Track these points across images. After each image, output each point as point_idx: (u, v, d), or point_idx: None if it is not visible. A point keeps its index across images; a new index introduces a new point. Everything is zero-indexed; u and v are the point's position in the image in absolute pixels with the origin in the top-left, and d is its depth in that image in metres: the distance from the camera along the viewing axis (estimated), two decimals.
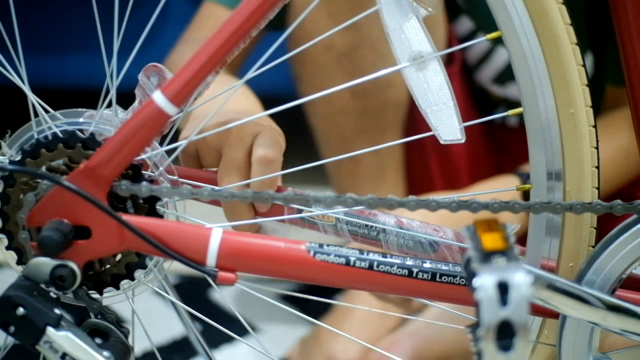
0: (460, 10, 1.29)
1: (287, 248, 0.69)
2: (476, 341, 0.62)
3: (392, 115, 1.26)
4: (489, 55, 1.30)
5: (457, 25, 1.30)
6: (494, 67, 1.31)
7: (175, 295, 0.81)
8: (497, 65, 1.31)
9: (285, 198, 0.70)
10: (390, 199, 0.68)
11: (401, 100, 1.26)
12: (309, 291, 0.80)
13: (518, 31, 0.67)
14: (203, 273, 0.69)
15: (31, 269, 0.69)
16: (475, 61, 1.32)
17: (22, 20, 0.69)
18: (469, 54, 1.32)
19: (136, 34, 0.70)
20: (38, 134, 0.71)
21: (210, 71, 0.68)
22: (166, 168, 0.72)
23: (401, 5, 0.68)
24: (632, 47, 0.69)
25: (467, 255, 0.64)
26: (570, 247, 0.71)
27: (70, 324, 0.69)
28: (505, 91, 1.32)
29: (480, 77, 1.33)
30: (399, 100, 1.24)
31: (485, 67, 1.32)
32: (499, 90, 1.33)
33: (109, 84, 0.71)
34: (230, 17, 0.67)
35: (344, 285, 0.72)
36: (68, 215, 0.69)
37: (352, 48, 1.20)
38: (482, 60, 1.32)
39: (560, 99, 0.68)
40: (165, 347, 1.29)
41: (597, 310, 0.68)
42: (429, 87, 0.68)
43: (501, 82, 1.32)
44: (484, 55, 1.31)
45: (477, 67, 1.33)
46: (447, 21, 1.29)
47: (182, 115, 0.70)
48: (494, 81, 1.32)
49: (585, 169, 0.69)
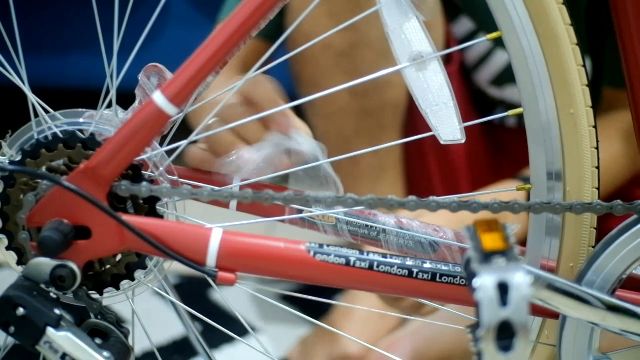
0: (459, 11, 1.29)
1: (287, 248, 0.69)
2: (476, 341, 0.61)
3: (391, 115, 1.26)
4: (487, 57, 1.30)
5: (456, 26, 1.30)
6: (492, 69, 1.31)
7: (175, 295, 0.81)
8: (495, 67, 1.31)
9: (285, 198, 0.69)
10: (390, 199, 0.68)
11: (400, 100, 1.26)
12: (309, 291, 0.80)
13: (518, 31, 0.67)
14: (203, 273, 0.69)
15: (31, 269, 0.69)
16: (473, 62, 1.32)
17: (22, 20, 0.69)
18: (468, 54, 1.32)
19: (136, 34, 0.70)
20: (38, 134, 0.71)
21: (210, 71, 0.68)
22: (166, 168, 0.72)
23: (401, 5, 0.68)
24: (632, 47, 0.69)
25: (467, 256, 0.64)
26: (570, 247, 0.71)
27: (70, 324, 0.69)
28: (502, 93, 1.33)
29: (478, 79, 1.33)
30: (397, 100, 1.25)
31: (483, 69, 1.32)
32: (495, 92, 1.33)
33: (109, 84, 0.71)
34: (231, 17, 0.67)
35: (344, 285, 0.72)
36: (68, 216, 0.69)
37: (351, 48, 1.20)
38: (480, 62, 1.32)
39: (560, 99, 0.68)
40: (165, 347, 1.29)
41: (597, 311, 0.68)
42: (428, 87, 0.68)
43: (498, 84, 1.32)
44: (482, 57, 1.31)
45: (475, 68, 1.33)
46: (445, 21, 1.29)
47: (182, 115, 0.70)
48: (491, 83, 1.32)
49: (585, 169, 0.69)
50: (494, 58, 1.30)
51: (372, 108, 1.25)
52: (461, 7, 1.29)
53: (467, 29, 1.30)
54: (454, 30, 1.30)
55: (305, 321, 1.31)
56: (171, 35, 1.53)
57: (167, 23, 1.65)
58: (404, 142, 1.19)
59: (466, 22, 1.30)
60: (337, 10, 1.16)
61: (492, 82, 1.32)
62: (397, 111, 1.26)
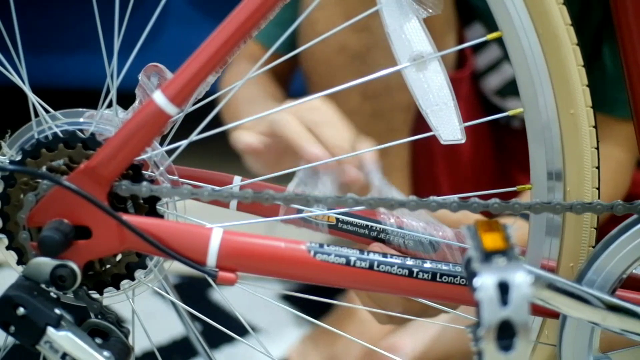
0: (473, 17, 1.29)
1: (287, 248, 0.69)
2: (476, 341, 0.62)
3: (401, 118, 1.26)
4: (496, 67, 1.30)
5: (470, 32, 1.30)
6: (499, 79, 1.31)
7: (175, 295, 0.81)
8: (502, 77, 1.30)
9: (285, 198, 0.70)
10: (390, 199, 0.68)
11: (410, 104, 1.25)
12: (309, 291, 0.80)
13: (518, 31, 0.67)
14: (203, 273, 0.69)
15: (31, 269, 0.69)
16: (482, 69, 1.32)
17: (22, 20, 0.69)
18: (478, 60, 1.32)
19: (136, 34, 0.70)
20: (38, 134, 0.72)
21: (211, 71, 0.68)
22: (166, 168, 0.72)
23: (401, 5, 0.68)
24: (632, 47, 0.69)
25: (468, 255, 0.64)
26: (570, 247, 0.71)
27: (70, 324, 0.69)
28: (504, 104, 1.33)
29: (484, 86, 1.33)
30: (408, 104, 1.24)
31: (491, 77, 1.32)
32: (498, 102, 1.33)
33: (110, 84, 0.71)
34: (231, 17, 0.67)
35: (344, 285, 0.72)
36: (68, 215, 0.69)
37: (365, 50, 1.19)
38: (489, 70, 1.32)
39: (561, 99, 0.68)
40: (165, 347, 1.29)
41: (597, 310, 0.68)
42: (429, 87, 0.68)
43: (502, 95, 1.32)
44: (492, 66, 1.31)
45: (483, 75, 1.32)
46: (459, 27, 1.29)
47: (183, 115, 0.70)
48: (496, 93, 1.32)
49: (585, 169, 0.69)
50: (502, 68, 1.30)
51: (382, 110, 1.25)
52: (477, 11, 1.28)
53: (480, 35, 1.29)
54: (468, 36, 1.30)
55: (305, 321, 1.32)
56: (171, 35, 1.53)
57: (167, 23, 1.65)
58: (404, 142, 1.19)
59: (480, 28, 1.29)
60: (352, 11, 1.15)
61: (496, 92, 1.32)
62: (408, 114, 1.26)
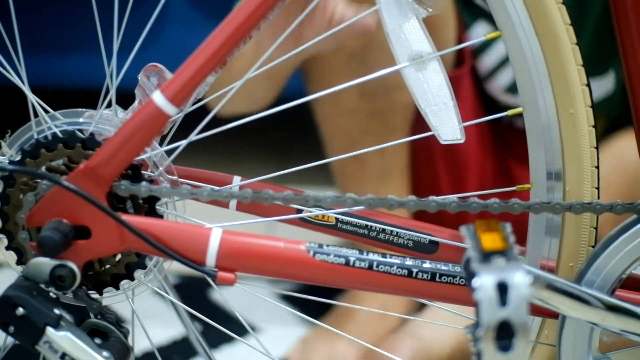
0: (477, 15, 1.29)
1: (286, 248, 0.69)
2: (476, 341, 0.62)
3: (400, 117, 1.26)
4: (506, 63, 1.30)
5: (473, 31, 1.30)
6: (509, 76, 1.30)
7: (175, 295, 0.81)
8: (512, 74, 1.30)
9: (285, 198, 0.70)
10: (390, 199, 0.68)
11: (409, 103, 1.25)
12: (309, 291, 0.80)
13: (518, 31, 0.67)
14: (203, 273, 0.69)
15: (31, 269, 0.69)
16: (489, 69, 1.32)
17: (22, 20, 0.69)
18: (484, 61, 1.32)
19: (136, 34, 0.70)
20: (38, 134, 0.71)
21: (210, 71, 0.68)
22: (166, 168, 0.72)
23: (401, 5, 0.68)
24: (632, 47, 0.69)
25: (467, 256, 0.64)
26: (570, 247, 0.71)
27: (70, 324, 0.69)
28: (514, 101, 1.32)
29: (492, 86, 1.33)
30: (406, 103, 1.24)
31: (499, 76, 1.31)
32: (509, 99, 1.33)
33: (109, 84, 0.71)
34: (231, 17, 0.67)
35: (343, 285, 0.72)
36: (68, 216, 0.69)
37: (363, 50, 1.19)
38: (496, 69, 1.31)
39: (560, 99, 0.68)
40: (165, 347, 1.29)
41: (597, 311, 0.68)
42: (428, 87, 0.68)
43: (513, 92, 1.32)
44: (501, 63, 1.31)
45: (491, 75, 1.32)
46: (459, 26, 1.28)
47: (182, 115, 0.70)
48: (506, 91, 1.32)
49: (585, 169, 0.69)
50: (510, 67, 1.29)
51: (381, 110, 1.25)
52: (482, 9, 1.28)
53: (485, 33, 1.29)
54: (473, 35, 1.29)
55: (305, 321, 1.31)
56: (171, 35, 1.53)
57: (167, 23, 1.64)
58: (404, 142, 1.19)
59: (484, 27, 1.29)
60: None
61: (507, 90, 1.32)
62: (406, 113, 1.26)
